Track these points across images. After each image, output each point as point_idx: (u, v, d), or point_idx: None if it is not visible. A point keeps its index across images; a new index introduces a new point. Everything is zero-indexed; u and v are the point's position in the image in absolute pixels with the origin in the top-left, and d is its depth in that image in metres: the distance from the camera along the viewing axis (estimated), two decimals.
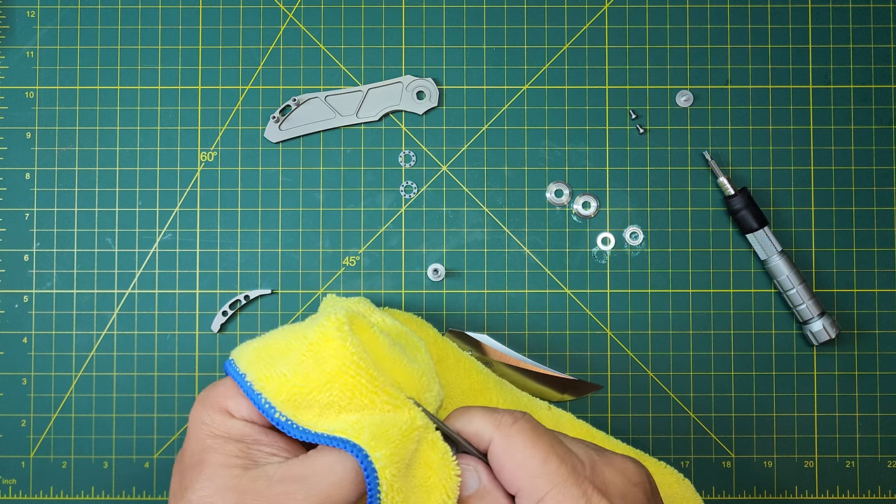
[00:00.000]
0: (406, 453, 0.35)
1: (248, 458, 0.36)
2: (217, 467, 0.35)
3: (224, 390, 0.37)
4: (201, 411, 0.37)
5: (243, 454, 0.36)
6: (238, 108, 0.53)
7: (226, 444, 0.36)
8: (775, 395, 0.52)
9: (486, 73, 0.53)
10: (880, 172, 0.53)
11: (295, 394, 0.35)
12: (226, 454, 0.35)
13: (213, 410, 0.37)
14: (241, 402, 0.37)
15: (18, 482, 0.52)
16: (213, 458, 0.35)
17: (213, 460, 0.35)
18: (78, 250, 0.53)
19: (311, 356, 0.35)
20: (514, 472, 0.35)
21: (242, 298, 0.52)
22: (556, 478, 0.34)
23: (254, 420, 0.36)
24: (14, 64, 0.53)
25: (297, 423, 0.35)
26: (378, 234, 0.53)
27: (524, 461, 0.35)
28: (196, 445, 0.36)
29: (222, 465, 0.35)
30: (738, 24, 0.53)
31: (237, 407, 0.37)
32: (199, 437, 0.36)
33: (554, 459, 0.35)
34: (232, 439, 0.36)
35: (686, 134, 0.53)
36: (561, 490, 0.34)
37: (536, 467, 0.35)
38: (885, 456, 0.52)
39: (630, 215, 0.53)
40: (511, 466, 0.35)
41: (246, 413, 0.36)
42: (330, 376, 0.35)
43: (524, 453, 0.35)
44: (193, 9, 0.53)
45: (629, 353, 0.52)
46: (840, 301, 0.53)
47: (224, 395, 0.37)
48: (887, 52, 0.53)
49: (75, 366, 0.52)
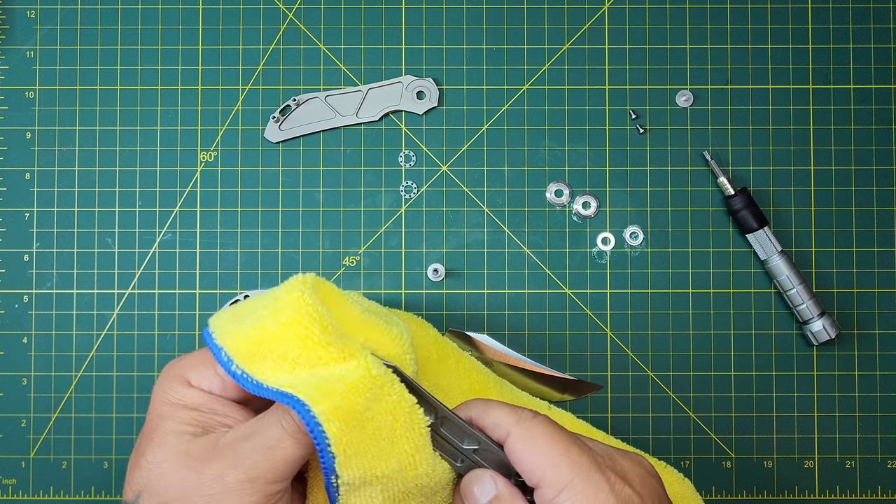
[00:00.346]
0: (358, 405, 0.34)
1: (201, 425, 0.36)
2: (168, 433, 0.36)
3: (188, 361, 0.38)
4: (163, 381, 0.38)
5: (196, 422, 0.36)
6: (238, 108, 0.53)
7: (179, 410, 0.36)
8: (775, 395, 0.52)
9: (486, 73, 0.53)
10: (880, 172, 0.53)
11: (251, 344, 0.36)
12: (179, 421, 0.36)
13: (173, 380, 0.37)
14: (202, 373, 0.37)
15: (18, 482, 0.52)
16: (167, 424, 0.36)
17: (166, 427, 0.36)
18: (78, 250, 0.53)
19: (270, 308, 0.36)
20: (537, 462, 0.35)
21: (242, 298, 0.52)
22: (580, 466, 0.35)
23: (212, 391, 0.37)
24: (14, 64, 0.53)
25: (251, 377, 0.35)
26: (378, 234, 0.53)
27: (547, 452, 0.35)
28: (153, 412, 0.37)
29: (174, 431, 0.36)
30: (738, 24, 0.53)
31: (198, 378, 0.37)
32: (156, 405, 0.37)
33: (575, 450, 0.35)
34: (187, 407, 0.36)
35: (686, 134, 0.53)
36: (586, 477, 0.35)
37: (559, 457, 0.35)
38: (885, 456, 0.52)
39: (630, 215, 0.53)
40: (533, 457, 0.36)
41: (206, 385, 0.37)
42: (283, 326, 0.35)
43: (547, 444, 0.36)
44: (193, 9, 0.53)
45: (629, 353, 0.52)
46: (840, 301, 0.53)
47: (187, 365, 0.38)
48: (887, 52, 0.53)
49: (75, 366, 0.52)
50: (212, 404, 0.37)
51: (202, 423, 0.36)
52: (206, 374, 0.37)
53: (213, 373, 0.37)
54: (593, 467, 0.35)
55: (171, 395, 0.37)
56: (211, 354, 0.37)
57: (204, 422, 0.36)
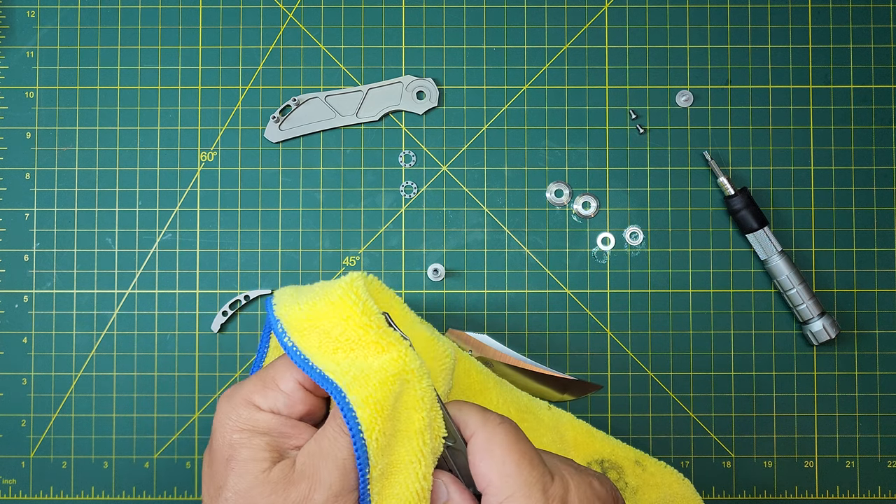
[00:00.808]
0: (390, 395, 0.36)
1: (276, 450, 0.36)
2: (247, 462, 0.36)
3: (250, 386, 0.38)
4: (227, 408, 0.37)
5: (270, 447, 0.36)
6: (238, 108, 0.53)
7: (252, 437, 0.36)
8: (775, 395, 0.52)
9: (486, 73, 0.53)
10: (880, 172, 0.53)
11: (303, 320, 0.38)
12: (254, 448, 0.36)
13: (239, 406, 0.37)
14: (267, 395, 0.37)
15: (18, 482, 0.52)
16: (242, 453, 0.36)
17: (242, 456, 0.36)
18: (78, 250, 0.53)
19: (325, 290, 0.38)
20: (488, 468, 0.36)
21: (242, 298, 0.52)
22: (526, 482, 0.36)
23: (280, 411, 0.37)
24: (14, 64, 0.53)
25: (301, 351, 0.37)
26: (378, 234, 0.53)
27: (500, 460, 0.36)
28: (224, 442, 0.37)
29: (252, 458, 0.36)
30: (738, 24, 0.53)
31: (264, 400, 0.37)
32: (225, 434, 0.37)
33: (526, 465, 0.36)
34: (259, 432, 0.36)
35: (686, 134, 0.53)
36: (527, 494, 0.35)
37: (509, 467, 0.36)
38: (885, 456, 0.52)
39: (630, 215, 0.53)
40: (485, 464, 0.36)
41: (272, 404, 0.37)
42: (331, 305, 0.37)
43: (502, 452, 0.36)
44: (193, 9, 0.53)
45: (629, 353, 0.52)
46: (840, 301, 0.53)
47: (250, 390, 0.38)
48: (887, 52, 0.53)
49: (75, 366, 0.52)
50: (281, 427, 0.37)
51: (276, 448, 0.36)
52: (271, 395, 0.37)
53: (276, 392, 0.37)
54: (537, 486, 0.36)
55: (241, 422, 0.37)
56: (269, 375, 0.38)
57: (277, 446, 0.36)
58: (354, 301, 0.37)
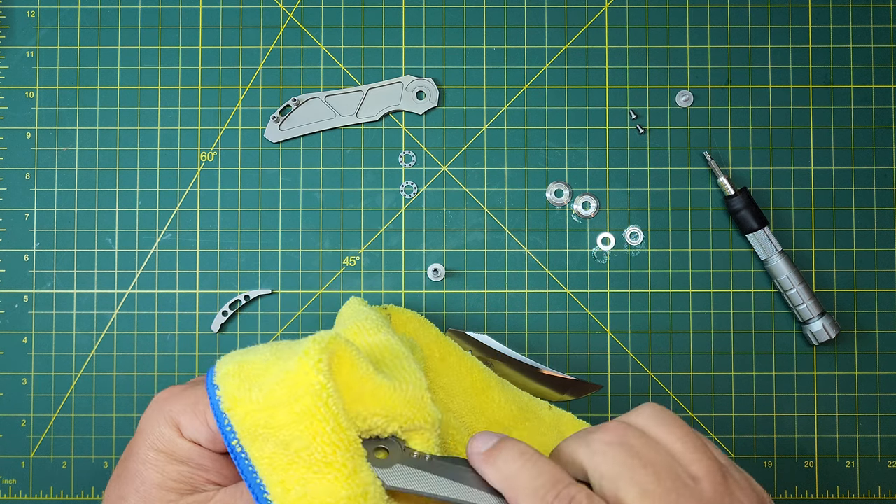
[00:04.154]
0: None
1: (188, 483, 0.35)
2: (152, 486, 0.34)
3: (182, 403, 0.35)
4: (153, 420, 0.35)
5: (182, 479, 0.35)
6: (238, 108, 0.53)
7: (167, 463, 0.35)
8: (775, 395, 0.52)
9: (486, 73, 0.53)
10: (880, 172, 0.53)
11: (258, 426, 0.33)
12: (165, 476, 0.34)
13: (163, 424, 0.35)
14: (193, 423, 0.35)
15: (18, 482, 0.52)
16: (151, 476, 0.34)
17: (150, 478, 0.34)
18: (78, 250, 0.53)
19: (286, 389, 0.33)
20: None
21: (242, 298, 0.52)
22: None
23: (201, 443, 0.35)
24: (14, 64, 0.53)
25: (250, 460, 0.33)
26: (378, 234, 0.53)
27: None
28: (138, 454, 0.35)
29: (159, 485, 0.34)
30: (738, 24, 0.53)
31: (189, 425, 0.35)
32: (141, 447, 0.35)
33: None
34: (175, 460, 0.35)
35: (686, 134, 0.53)
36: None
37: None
38: (885, 456, 0.52)
39: (630, 215, 0.53)
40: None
41: (195, 434, 0.35)
42: (298, 416, 0.33)
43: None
44: (193, 9, 0.53)
45: (629, 353, 0.52)
46: (840, 301, 0.53)
47: (180, 408, 0.35)
48: (887, 52, 0.53)
49: (75, 366, 0.52)
50: (200, 460, 0.35)
51: (188, 481, 0.35)
52: (196, 425, 0.35)
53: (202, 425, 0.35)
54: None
55: (159, 442, 0.35)
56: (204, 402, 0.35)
57: (191, 479, 0.35)
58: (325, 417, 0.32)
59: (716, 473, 0.32)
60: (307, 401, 0.32)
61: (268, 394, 0.33)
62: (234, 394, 0.34)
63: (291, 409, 0.33)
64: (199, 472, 0.35)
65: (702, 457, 0.32)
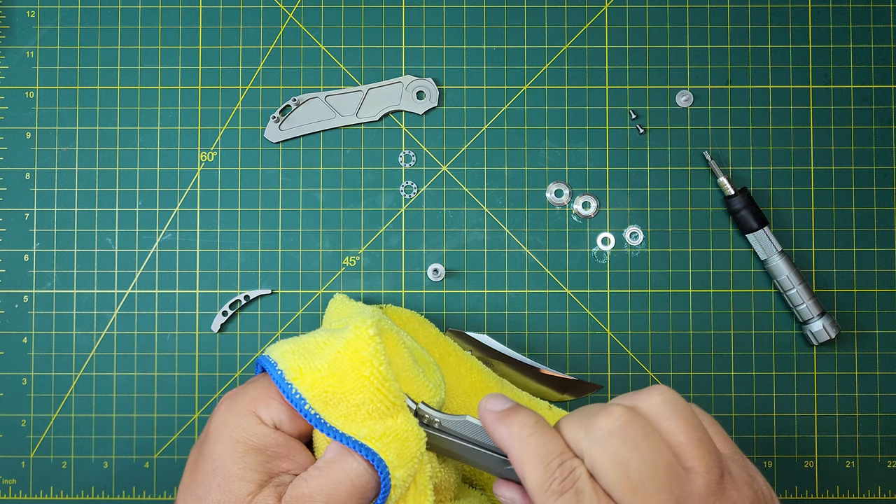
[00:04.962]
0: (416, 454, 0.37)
1: (266, 471, 0.35)
2: (234, 480, 0.35)
3: (254, 393, 0.36)
4: (228, 413, 0.36)
5: (261, 467, 0.35)
6: (238, 108, 0.53)
7: (246, 453, 0.35)
8: (775, 395, 0.52)
9: (486, 73, 0.53)
10: (880, 172, 0.53)
11: (327, 391, 0.36)
12: (244, 466, 0.35)
13: (241, 414, 0.36)
14: (271, 407, 0.36)
15: (18, 482, 0.52)
16: (231, 469, 0.35)
17: (230, 471, 0.35)
18: (78, 250, 0.53)
19: (348, 355, 0.36)
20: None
21: (242, 298, 0.52)
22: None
23: (282, 427, 0.36)
24: (14, 64, 0.53)
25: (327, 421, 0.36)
26: (378, 234, 0.53)
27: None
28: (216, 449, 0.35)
29: (240, 477, 0.35)
30: (738, 24, 0.53)
31: (267, 412, 0.36)
32: (221, 442, 0.35)
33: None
34: (253, 449, 0.35)
35: (686, 134, 0.53)
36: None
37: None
38: (885, 456, 0.52)
39: (630, 215, 0.53)
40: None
41: (275, 416, 0.36)
42: (366, 380, 0.36)
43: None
44: (193, 9, 0.53)
45: (629, 353, 0.52)
46: (840, 301, 0.53)
47: (255, 398, 0.36)
48: (887, 52, 0.53)
49: (75, 366, 0.52)
50: (277, 447, 0.36)
51: (267, 469, 0.35)
52: (275, 408, 0.36)
53: (281, 406, 0.36)
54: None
55: (239, 433, 0.35)
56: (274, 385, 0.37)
57: (269, 468, 0.35)
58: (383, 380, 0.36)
59: (712, 471, 0.32)
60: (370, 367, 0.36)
61: (331, 361, 0.36)
62: (298, 364, 0.36)
63: (359, 374, 0.36)
64: (275, 460, 0.36)
65: (702, 453, 0.32)
